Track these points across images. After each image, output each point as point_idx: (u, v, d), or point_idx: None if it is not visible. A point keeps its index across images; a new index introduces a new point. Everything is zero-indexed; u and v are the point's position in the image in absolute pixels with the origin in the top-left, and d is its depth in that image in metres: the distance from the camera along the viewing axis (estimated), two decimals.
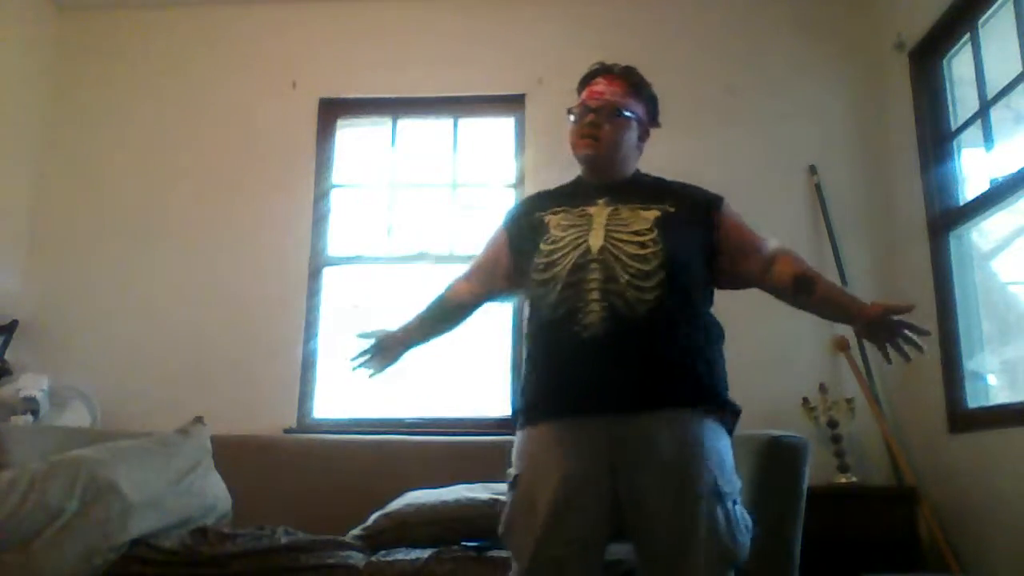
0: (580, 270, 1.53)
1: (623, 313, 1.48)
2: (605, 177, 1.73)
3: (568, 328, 1.49)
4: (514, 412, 1.66)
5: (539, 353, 1.59)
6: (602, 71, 1.77)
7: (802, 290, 1.63)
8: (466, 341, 3.30)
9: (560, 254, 1.58)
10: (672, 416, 1.49)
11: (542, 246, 1.61)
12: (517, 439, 1.61)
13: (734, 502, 1.50)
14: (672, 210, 1.63)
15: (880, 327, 1.53)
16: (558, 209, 1.68)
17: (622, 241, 1.57)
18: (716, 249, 1.67)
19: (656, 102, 1.80)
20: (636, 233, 1.58)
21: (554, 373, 1.55)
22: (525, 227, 1.73)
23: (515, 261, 1.74)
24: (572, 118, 1.75)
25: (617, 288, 1.50)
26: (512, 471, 1.58)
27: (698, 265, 1.64)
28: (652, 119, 1.80)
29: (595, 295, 1.49)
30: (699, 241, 1.65)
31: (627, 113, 1.71)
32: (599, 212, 1.63)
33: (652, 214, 1.62)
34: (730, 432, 1.59)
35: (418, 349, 1.81)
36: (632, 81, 1.76)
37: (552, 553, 1.47)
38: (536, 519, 1.48)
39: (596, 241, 1.56)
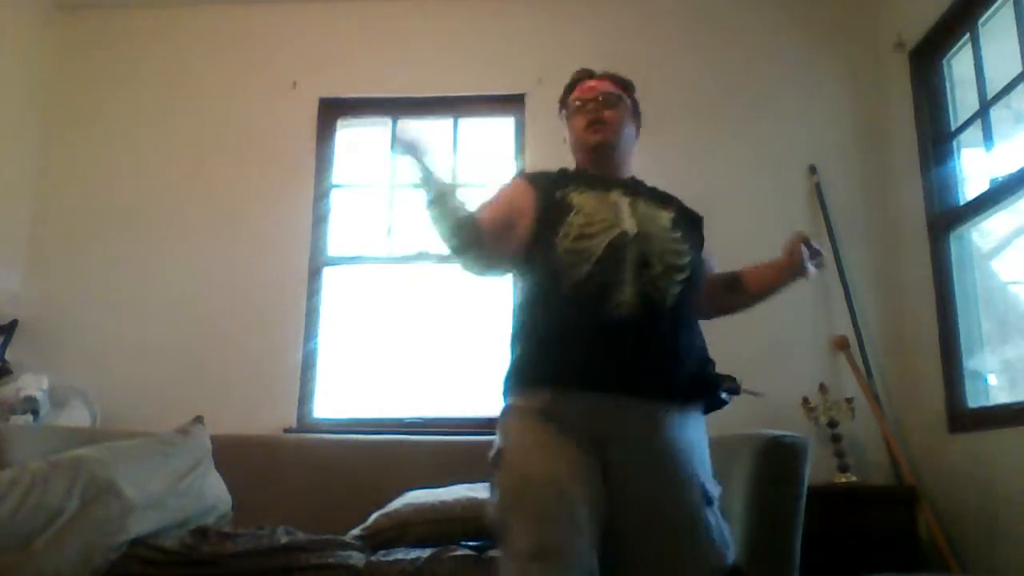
0: (616, 250, 1.50)
1: (654, 300, 1.47)
2: (612, 168, 1.71)
3: (598, 305, 1.46)
4: (507, 379, 1.56)
5: (554, 324, 1.51)
6: (586, 75, 1.78)
7: (733, 285, 1.74)
8: (466, 341, 3.32)
9: (594, 229, 1.53)
10: (674, 409, 1.49)
11: (571, 218, 1.54)
12: (507, 411, 1.56)
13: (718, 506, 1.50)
14: (678, 216, 1.64)
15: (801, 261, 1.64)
16: (578, 189, 1.62)
17: (655, 232, 1.55)
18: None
19: (638, 106, 1.80)
20: (664, 228, 1.57)
21: (574, 346, 1.47)
22: (548, 197, 1.63)
23: (534, 227, 1.60)
24: (567, 112, 1.75)
25: (651, 275, 1.49)
26: (496, 446, 1.54)
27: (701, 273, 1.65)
28: (638, 118, 1.80)
29: (628, 276, 1.47)
30: (697, 251, 1.66)
31: (625, 98, 1.74)
32: (620, 199, 1.61)
33: (667, 215, 1.62)
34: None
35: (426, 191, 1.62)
36: (617, 79, 1.78)
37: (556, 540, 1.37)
38: (534, 499, 1.40)
39: (631, 226, 1.54)
